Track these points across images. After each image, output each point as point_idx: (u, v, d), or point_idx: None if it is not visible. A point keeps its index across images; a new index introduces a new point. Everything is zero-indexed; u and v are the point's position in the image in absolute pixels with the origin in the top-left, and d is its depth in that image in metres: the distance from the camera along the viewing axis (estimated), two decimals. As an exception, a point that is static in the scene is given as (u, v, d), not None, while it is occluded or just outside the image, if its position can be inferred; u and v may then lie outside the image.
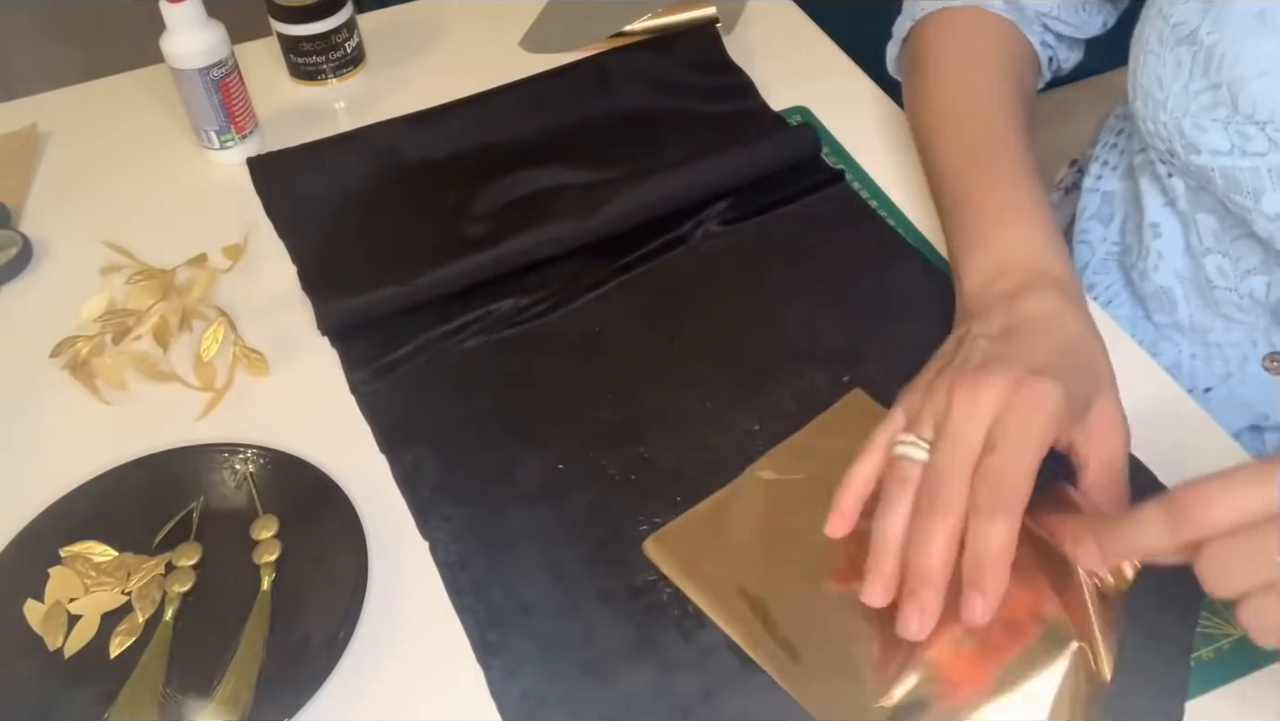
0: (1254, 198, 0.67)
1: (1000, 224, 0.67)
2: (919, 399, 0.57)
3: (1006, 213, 0.68)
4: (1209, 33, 0.66)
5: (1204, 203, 0.73)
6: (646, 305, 0.75)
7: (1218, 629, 0.57)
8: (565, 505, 0.63)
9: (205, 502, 0.65)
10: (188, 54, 0.83)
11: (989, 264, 0.66)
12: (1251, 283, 0.73)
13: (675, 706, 0.55)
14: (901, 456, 0.56)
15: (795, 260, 0.76)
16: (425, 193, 0.83)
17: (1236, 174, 0.67)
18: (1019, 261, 0.65)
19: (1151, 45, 0.70)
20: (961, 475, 0.53)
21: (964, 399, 0.55)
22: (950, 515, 0.52)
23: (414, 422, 0.69)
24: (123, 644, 0.59)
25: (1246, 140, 0.66)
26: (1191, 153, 0.69)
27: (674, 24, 0.96)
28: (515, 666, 0.57)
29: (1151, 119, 0.70)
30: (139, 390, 0.72)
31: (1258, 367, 0.76)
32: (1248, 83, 0.65)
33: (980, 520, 0.52)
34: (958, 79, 0.78)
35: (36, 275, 0.81)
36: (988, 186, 0.70)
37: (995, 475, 0.52)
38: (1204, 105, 0.67)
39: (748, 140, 0.82)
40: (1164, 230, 0.77)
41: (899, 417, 0.58)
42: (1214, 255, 0.74)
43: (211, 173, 0.88)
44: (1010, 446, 0.53)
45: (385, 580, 0.61)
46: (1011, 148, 0.72)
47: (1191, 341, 0.78)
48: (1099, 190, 0.86)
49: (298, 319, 0.76)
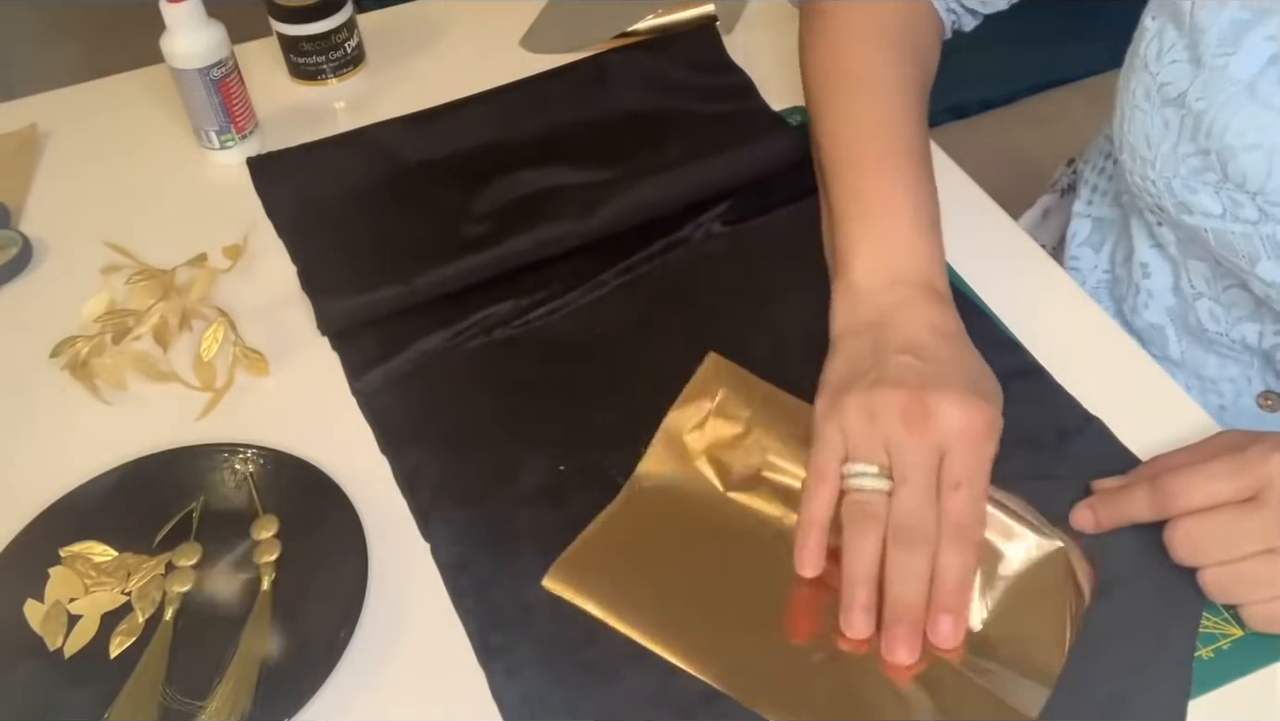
0: (1249, 261, 0.66)
1: (893, 227, 0.67)
2: (861, 421, 0.59)
3: (901, 219, 0.67)
4: (1198, 99, 0.64)
5: (1195, 251, 0.72)
6: (647, 306, 0.75)
7: (1218, 629, 0.57)
8: (566, 506, 0.63)
9: (205, 502, 0.65)
10: (188, 54, 0.83)
11: (877, 268, 0.66)
12: (1244, 329, 0.73)
13: (676, 707, 0.55)
14: (862, 489, 0.58)
15: (795, 260, 0.76)
16: (425, 193, 0.83)
17: (1229, 238, 0.66)
18: (911, 273, 0.66)
19: (1138, 100, 0.68)
20: (931, 512, 0.57)
21: (922, 429, 0.57)
22: (927, 549, 0.56)
23: (415, 423, 0.69)
24: (123, 644, 0.59)
25: (1238, 206, 0.65)
26: (1183, 212, 0.68)
27: (674, 24, 0.96)
28: (516, 668, 0.57)
29: (1140, 175, 0.69)
30: (139, 390, 0.72)
31: (1252, 403, 0.76)
32: (1237, 154, 0.63)
33: (951, 550, 0.56)
34: (860, 51, 0.75)
35: (36, 275, 0.81)
36: (882, 178, 0.69)
37: (963, 512, 0.57)
38: (1194, 169, 0.66)
39: (748, 140, 0.82)
40: (1153, 271, 0.76)
41: (837, 443, 0.59)
42: (1205, 300, 0.73)
43: (211, 173, 0.88)
44: (974, 482, 0.57)
45: (385, 580, 0.61)
46: (908, 141, 0.70)
47: (1186, 374, 0.78)
48: (1090, 216, 0.85)
49: (298, 319, 0.75)
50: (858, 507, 0.58)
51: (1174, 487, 0.56)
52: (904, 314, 0.64)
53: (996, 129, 1.60)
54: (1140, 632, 0.57)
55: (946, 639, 0.56)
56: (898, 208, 0.68)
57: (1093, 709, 0.54)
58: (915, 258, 0.66)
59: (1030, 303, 0.73)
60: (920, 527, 0.56)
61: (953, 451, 0.57)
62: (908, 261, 0.66)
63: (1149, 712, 0.54)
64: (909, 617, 0.55)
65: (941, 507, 0.57)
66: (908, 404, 0.58)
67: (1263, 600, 0.55)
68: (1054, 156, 0.98)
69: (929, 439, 0.57)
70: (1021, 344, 0.70)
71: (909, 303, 0.64)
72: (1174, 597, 0.58)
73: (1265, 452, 0.54)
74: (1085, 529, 0.60)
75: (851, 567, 0.57)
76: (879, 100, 0.72)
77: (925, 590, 0.56)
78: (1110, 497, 0.59)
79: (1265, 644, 0.56)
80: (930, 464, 0.57)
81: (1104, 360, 0.70)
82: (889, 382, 0.59)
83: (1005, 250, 0.78)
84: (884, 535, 0.57)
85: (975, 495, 0.57)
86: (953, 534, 0.56)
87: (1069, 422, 0.66)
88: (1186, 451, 0.59)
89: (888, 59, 0.74)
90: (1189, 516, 0.56)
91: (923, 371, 0.60)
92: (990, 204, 0.82)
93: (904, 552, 0.56)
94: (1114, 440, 0.65)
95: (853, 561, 0.57)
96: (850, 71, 0.74)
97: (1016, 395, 0.64)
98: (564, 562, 0.61)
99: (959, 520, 0.56)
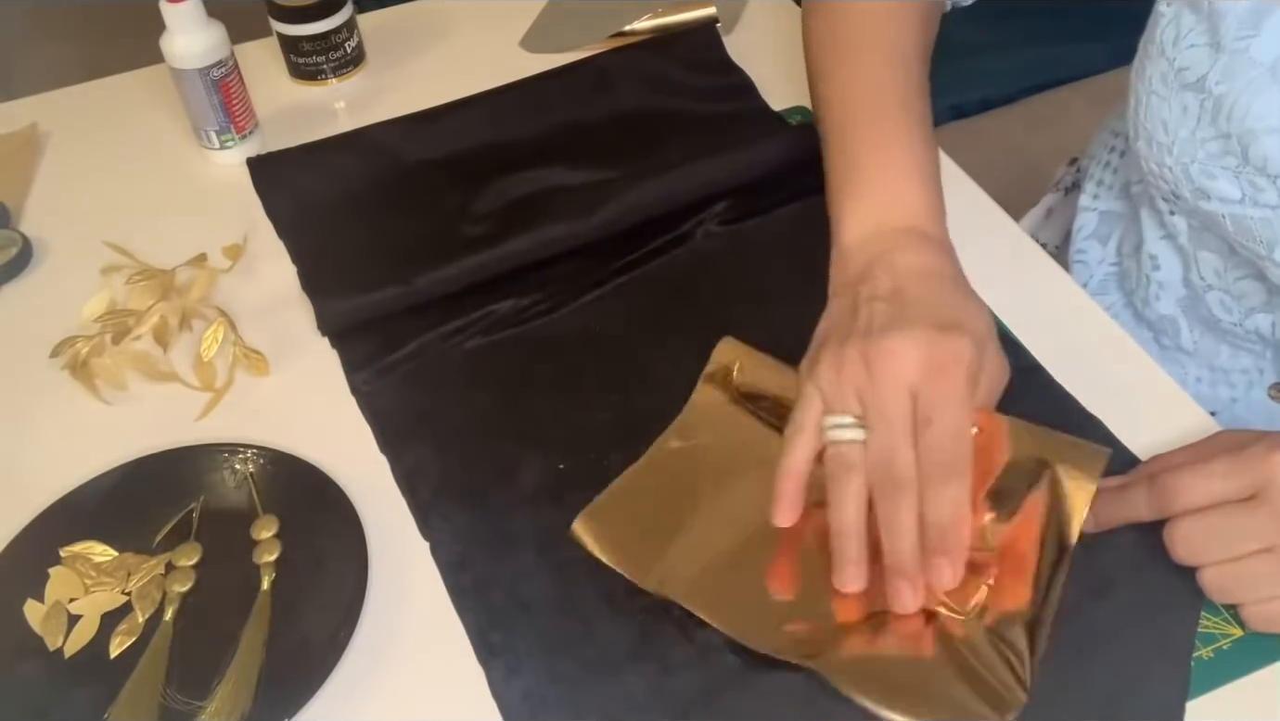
0: (1267, 247, 0.66)
1: (882, 181, 0.67)
2: (831, 374, 0.59)
3: (889, 171, 0.67)
4: (1218, 83, 0.64)
5: (1206, 242, 0.72)
6: (647, 305, 0.75)
7: (1218, 629, 0.57)
8: (566, 505, 0.63)
9: (205, 502, 0.65)
10: (188, 54, 0.83)
11: (866, 222, 0.66)
12: (1256, 320, 0.72)
13: (676, 706, 0.55)
14: (838, 441, 0.58)
15: (795, 260, 0.76)
16: (425, 193, 0.83)
17: (1248, 223, 0.66)
18: (895, 221, 0.65)
19: (1155, 86, 0.68)
20: (908, 452, 0.56)
21: (885, 371, 0.57)
22: (910, 492, 0.55)
23: (414, 423, 0.69)
24: (123, 644, 0.59)
25: (1258, 191, 0.65)
26: (1200, 198, 0.67)
27: (674, 24, 0.96)
28: (516, 666, 0.57)
29: (1156, 161, 0.69)
30: (139, 390, 0.72)
31: (1263, 395, 0.75)
32: (1258, 137, 0.63)
33: (934, 489, 0.55)
34: (859, 17, 0.74)
35: (36, 275, 0.81)
36: (874, 139, 0.68)
37: (939, 446, 0.56)
38: (1213, 153, 0.66)
39: (748, 140, 0.82)
40: (1162, 263, 0.76)
41: (815, 398, 0.59)
42: (1216, 291, 0.73)
43: (211, 173, 0.88)
44: (944, 415, 0.56)
45: (385, 580, 0.61)
46: (903, 101, 0.70)
47: (1198, 365, 0.78)
48: (1096, 210, 0.85)
49: (298, 319, 0.75)
50: (836, 459, 0.57)
51: (1173, 487, 0.56)
52: (886, 262, 0.63)
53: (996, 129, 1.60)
54: (1139, 632, 0.57)
55: (946, 581, 0.55)
56: (885, 165, 0.67)
57: (1091, 708, 0.54)
58: (902, 207, 0.66)
59: (1030, 303, 0.73)
60: (898, 471, 0.56)
61: (919, 388, 0.57)
62: (895, 212, 0.66)
63: (1148, 712, 0.54)
64: (905, 569, 0.55)
65: (917, 448, 0.56)
66: (869, 350, 0.58)
67: (1262, 600, 0.55)
68: (1054, 156, 0.98)
69: (894, 380, 0.57)
70: (1021, 344, 0.70)
71: (892, 250, 0.64)
72: (1173, 597, 0.58)
73: (1265, 452, 0.54)
74: (1085, 528, 0.60)
75: (836, 520, 0.57)
76: (875, 65, 0.72)
77: (916, 538, 0.55)
78: (1110, 497, 0.60)
79: (1265, 644, 0.56)
80: (901, 406, 0.57)
81: (1104, 360, 0.70)
82: (857, 333, 0.59)
83: (1005, 250, 0.78)
84: (865, 486, 0.57)
85: (948, 427, 0.56)
86: (930, 472, 0.55)
87: (1069, 422, 0.66)
88: (1186, 451, 0.59)
89: (887, 25, 0.73)
90: (1188, 515, 0.56)
91: (889, 315, 0.60)
92: (990, 204, 0.82)
93: (887, 501, 0.56)
94: (1114, 440, 0.65)
95: (837, 514, 0.57)
96: (846, 34, 0.74)
97: (1016, 395, 0.64)
98: (591, 512, 0.62)
99: (936, 456, 0.55)
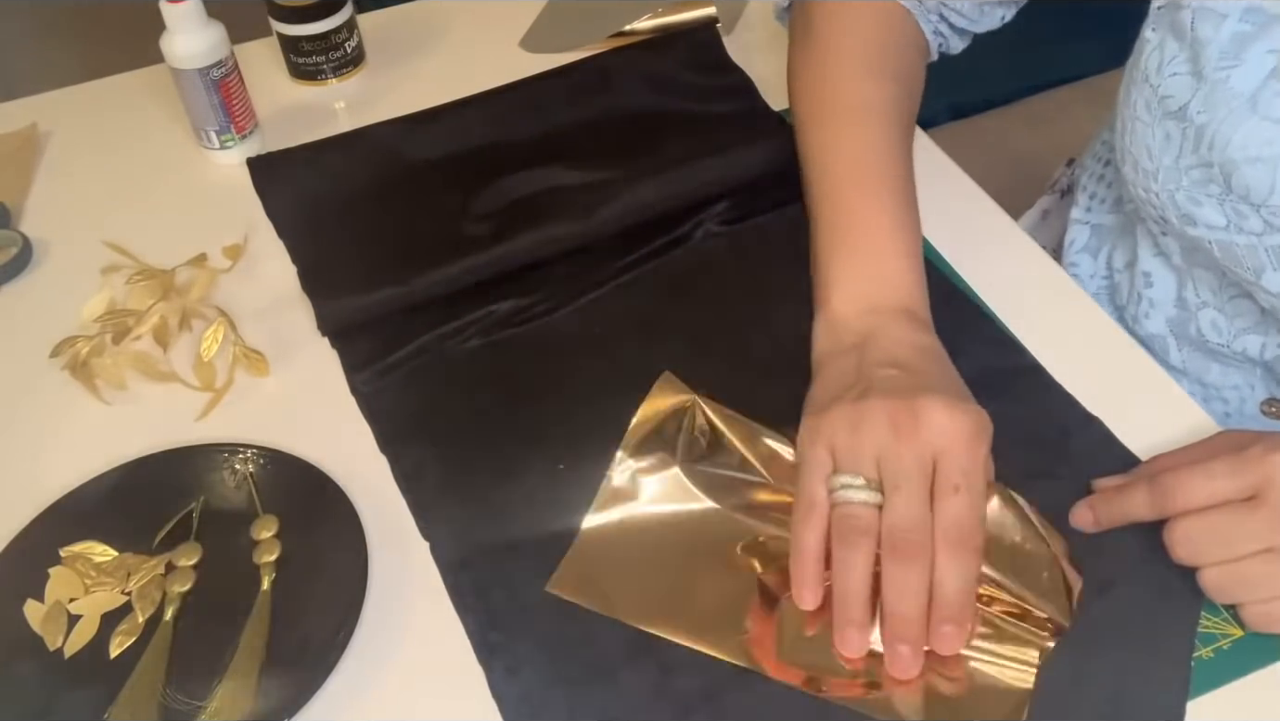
0: (1254, 274, 0.66)
1: (874, 262, 0.68)
2: (846, 432, 0.58)
3: (880, 251, 0.68)
4: (1199, 111, 0.64)
5: (1200, 260, 0.72)
6: (647, 305, 0.75)
7: (1218, 629, 0.57)
8: (566, 506, 0.63)
9: (205, 502, 0.65)
10: (188, 54, 0.83)
11: (857, 297, 0.67)
12: (1245, 341, 0.72)
13: (675, 706, 0.55)
14: (849, 502, 0.57)
15: (795, 260, 0.76)
16: (425, 193, 0.83)
17: (1234, 249, 0.66)
18: (887, 301, 0.66)
19: (1139, 112, 0.68)
20: (926, 521, 0.55)
21: (913, 433, 0.56)
22: (924, 560, 0.55)
23: (414, 423, 0.69)
24: (123, 644, 0.59)
25: (1242, 218, 0.64)
26: (1187, 224, 0.67)
27: (674, 24, 0.96)
28: (516, 666, 0.57)
29: (1143, 187, 0.69)
30: (139, 390, 0.72)
31: (1256, 410, 0.75)
32: (1239, 167, 0.63)
33: (952, 558, 0.55)
34: (850, 77, 0.75)
35: (36, 275, 0.81)
36: (861, 216, 0.69)
37: (959, 519, 0.55)
38: (1196, 180, 0.65)
39: (748, 140, 0.82)
40: (1156, 280, 0.76)
41: (824, 460, 0.58)
42: (1209, 310, 0.73)
43: (211, 173, 0.88)
44: (974, 484, 0.56)
45: (385, 580, 0.61)
46: (891, 172, 0.71)
47: (1189, 381, 0.77)
48: (1088, 222, 0.85)
49: (298, 319, 0.75)
50: (847, 522, 0.56)
51: (1173, 487, 0.56)
52: (885, 334, 0.64)
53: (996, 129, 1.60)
54: (1139, 632, 0.57)
55: (950, 647, 0.55)
56: (878, 242, 0.68)
57: (1092, 709, 0.54)
58: (895, 289, 0.67)
59: (1030, 303, 0.73)
60: (915, 537, 0.55)
61: (945, 455, 0.56)
62: (888, 292, 0.67)
63: (1148, 712, 0.54)
64: (910, 635, 0.54)
65: (937, 514, 0.55)
66: (895, 411, 0.57)
67: (1262, 600, 0.55)
68: (1054, 156, 0.98)
69: (919, 445, 0.56)
70: (1021, 344, 0.70)
71: (889, 325, 0.65)
72: (1173, 597, 0.58)
73: (1265, 452, 0.54)
74: (1085, 528, 0.60)
75: (842, 584, 0.55)
76: (863, 132, 0.72)
77: (925, 603, 0.54)
78: (1110, 497, 0.59)
79: (1265, 644, 0.56)
80: (923, 471, 0.56)
81: (1104, 360, 0.70)
82: (875, 393, 0.59)
83: (1005, 250, 0.78)
84: (875, 550, 0.55)
85: (973, 498, 0.56)
86: (951, 540, 0.55)
87: (1069, 422, 0.66)
88: (1186, 450, 0.60)
89: (873, 89, 0.74)
90: (1188, 516, 0.56)
91: (908, 381, 0.60)
92: (990, 204, 0.82)
93: (899, 566, 0.54)
94: (1114, 440, 0.65)
95: (844, 578, 0.55)
96: (836, 101, 0.75)
97: (1017, 395, 0.64)
98: (564, 567, 0.61)
99: (957, 525, 0.55)
